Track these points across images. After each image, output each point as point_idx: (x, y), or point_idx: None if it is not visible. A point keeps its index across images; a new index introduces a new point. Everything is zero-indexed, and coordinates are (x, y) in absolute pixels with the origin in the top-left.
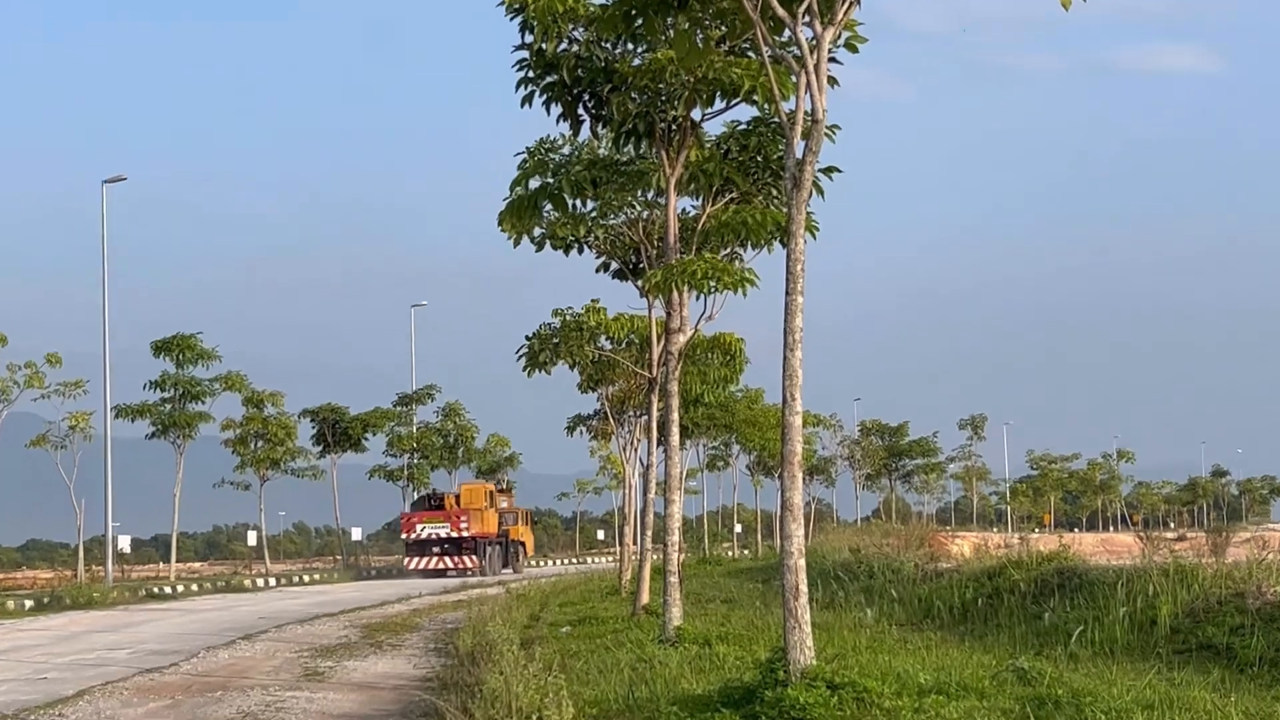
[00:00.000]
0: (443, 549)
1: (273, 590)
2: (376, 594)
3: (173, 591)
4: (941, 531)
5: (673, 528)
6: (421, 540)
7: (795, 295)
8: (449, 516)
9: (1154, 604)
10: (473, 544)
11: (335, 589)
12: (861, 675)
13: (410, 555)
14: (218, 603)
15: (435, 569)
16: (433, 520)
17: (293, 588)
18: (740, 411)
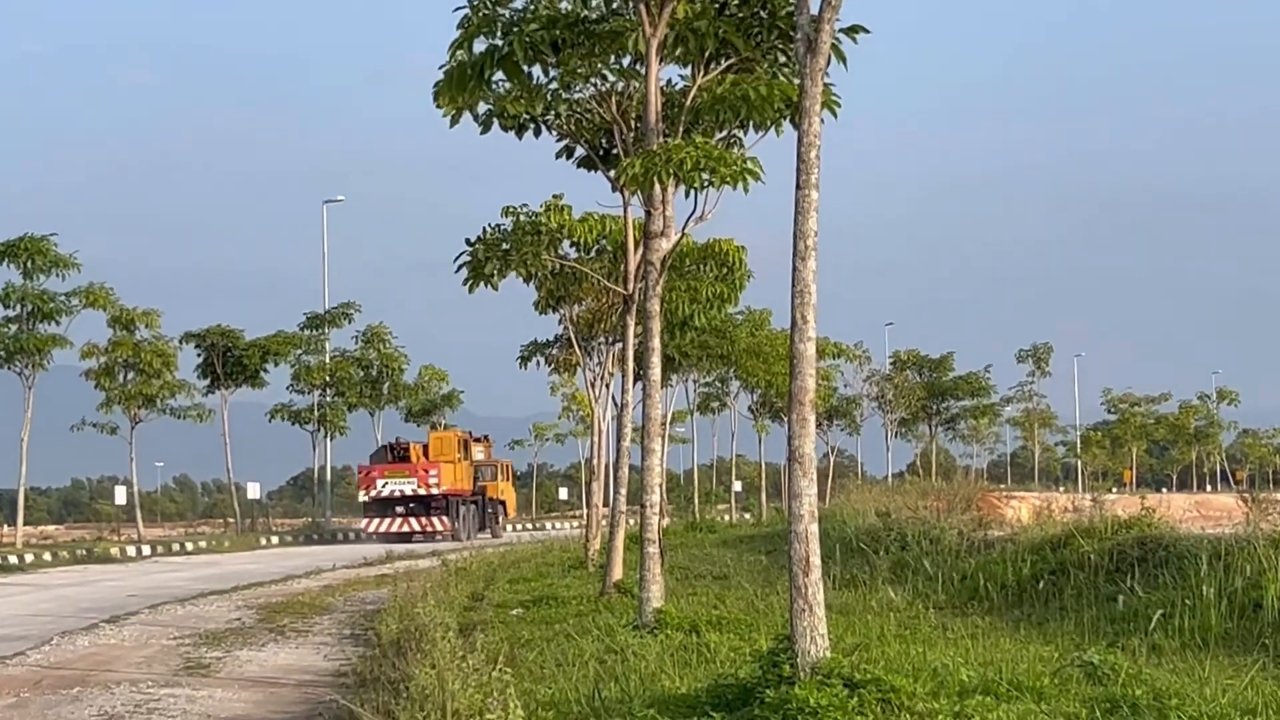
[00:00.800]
0: (408, 509)
1: (147, 561)
2: (282, 565)
3: (19, 562)
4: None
5: (651, 484)
6: (382, 499)
7: (808, 190)
8: (415, 470)
9: (1259, 583)
10: (444, 503)
11: (227, 559)
12: (888, 671)
13: (369, 516)
14: (77, 576)
15: (399, 532)
16: (396, 475)
17: (173, 558)
18: (741, 339)
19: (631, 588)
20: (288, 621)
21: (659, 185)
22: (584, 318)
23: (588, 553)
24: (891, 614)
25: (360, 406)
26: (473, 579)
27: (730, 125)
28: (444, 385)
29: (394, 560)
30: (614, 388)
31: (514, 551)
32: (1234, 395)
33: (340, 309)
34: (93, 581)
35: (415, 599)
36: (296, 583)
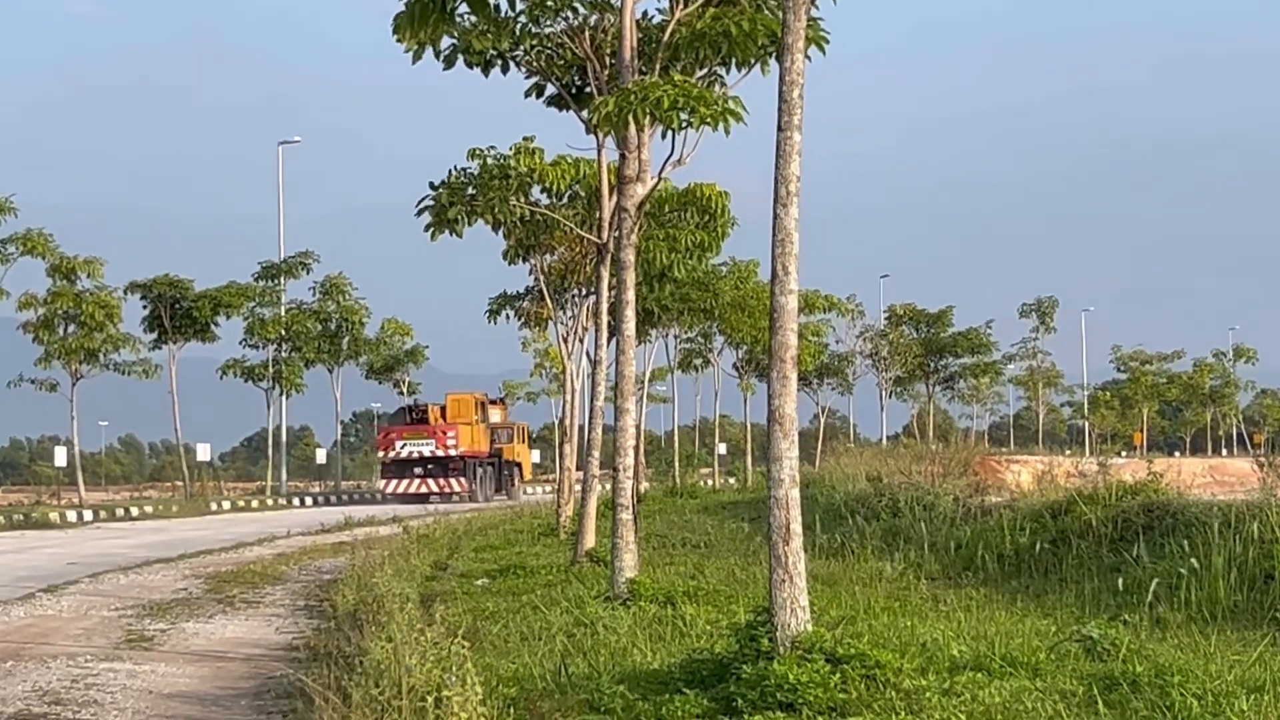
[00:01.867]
0: (426, 470)
1: (89, 527)
2: (233, 532)
3: None
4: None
5: (625, 446)
6: (401, 460)
7: (790, 132)
8: (433, 432)
9: (1271, 553)
10: (461, 464)
11: (175, 525)
12: (874, 645)
13: (386, 477)
14: (13, 543)
15: (417, 493)
16: (415, 436)
17: (117, 523)
18: (725, 292)
19: (604, 557)
20: (237, 592)
21: (634, 126)
22: (556, 268)
23: (559, 519)
24: (880, 585)
25: (318, 362)
26: (436, 547)
27: (711, 62)
28: (408, 340)
29: (353, 527)
30: (588, 343)
31: (481, 517)
32: (1252, 353)
33: (297, 258)
34: (30, 549)
35: (373, 568)
36: (248, 550)
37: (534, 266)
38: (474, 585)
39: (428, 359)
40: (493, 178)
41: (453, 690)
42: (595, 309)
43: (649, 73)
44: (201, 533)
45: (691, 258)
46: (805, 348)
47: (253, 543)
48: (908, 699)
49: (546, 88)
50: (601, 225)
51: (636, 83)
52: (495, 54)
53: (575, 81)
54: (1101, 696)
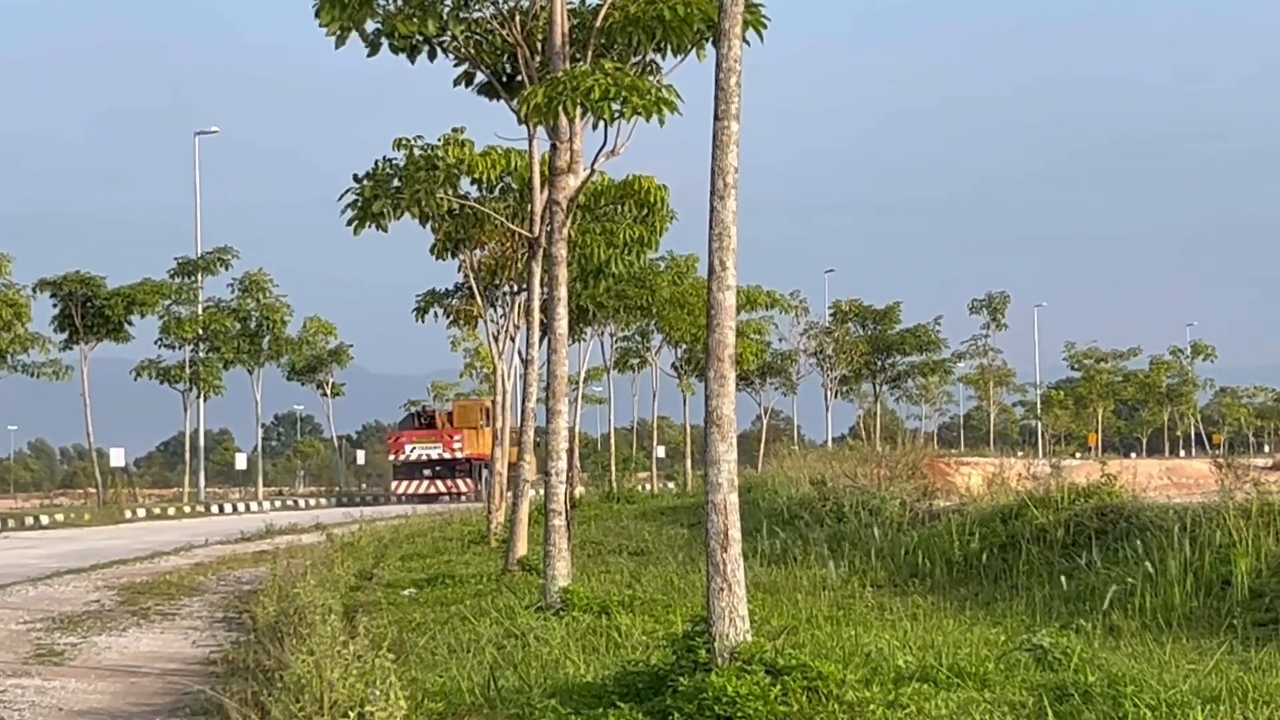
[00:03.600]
0: (434, 472)
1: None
2: (148, 541)
3: None
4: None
5: (557, 450)
6: (411, 462)
7: (728, 121)
8: (441, 436)
9: (1228, 558)
10: (467, 466)
11: (88, 534)
12: (817, 656)
13: (398, 479)
14: None
15: (426, 494)
16: (423, 440)
17: (26, 532)
18: (663, 288)
19: (536, 565)
20: (153, 604)
21: (565, 116)
22: (486, 264)
23: (490, 526)
24: (824, 593)
25: (237, 363)
26: (361, 556)
27: (646, 49)
28: (332, 339)
29: (275, 535)
30: (520, 342)
31: (409, 525)
32: (1211, 350)
33: (215, 254)
34: None
35: (295, 578)
36: (164, 560)
37: (463, 262)
38: (400, 595)
39: (352, 359)
40: (419, 169)
41: (376, 705)
42: (527, 306)
43: (582, 60)
44: (115, 542)
45: (629, 253)
46: (747, 346)
47: (169, 552)
48: (851, 711)
49: (476, 76)
50: (533, 219)
51: (567, 72)
52: (421, 39)
53: (506, 69)
54: (1052, 708)
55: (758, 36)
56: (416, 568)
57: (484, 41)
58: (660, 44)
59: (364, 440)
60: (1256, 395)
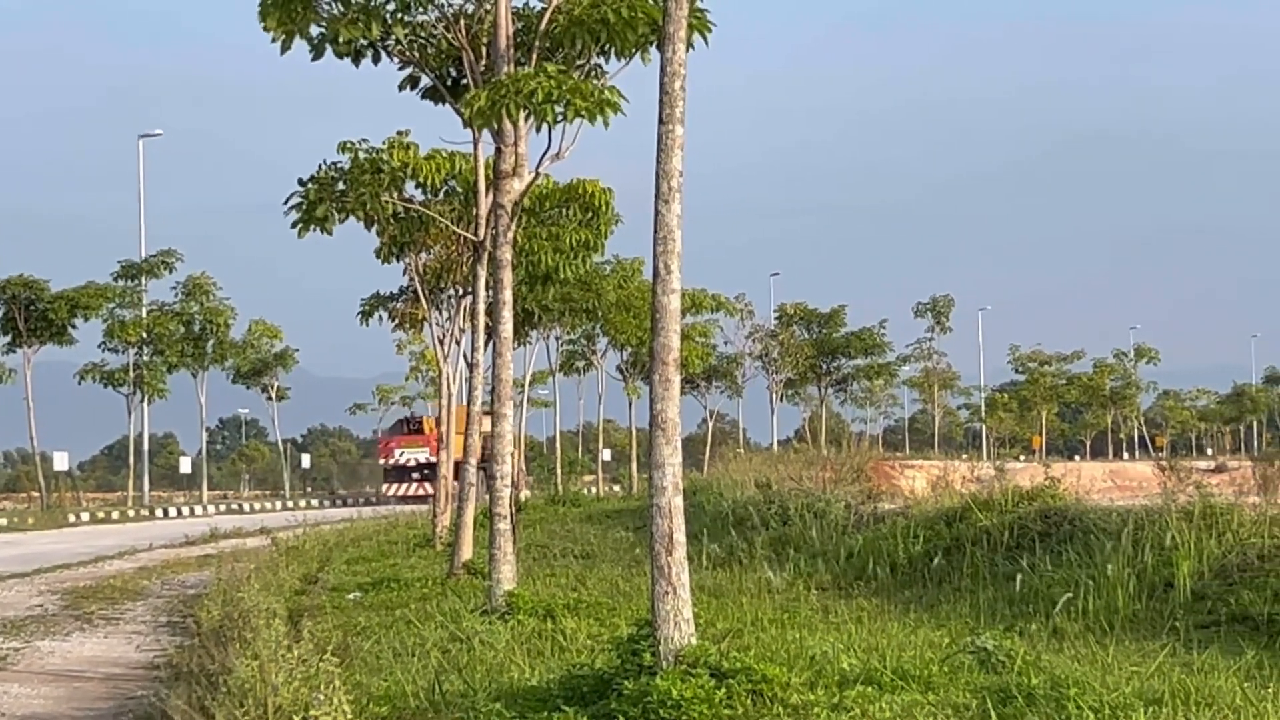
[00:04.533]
0: (423, 475)
1: None
2: (92, 545)
3: None
4: (888, 459)
5: (502, 453)
6: (400, 466)
7: (672, 125)
8: (428, 441)
9: (1171, 560)
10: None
11: (31, 538)
12: (761, 659)
13: (389, 481)
14: None
15: (415, 495)
16: (412, 445)
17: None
18: (608, 291)
19: (482, 568)
20: (96, 608)
21: (508, 119)
22: (431, 267)
23: (435, 529)
24: (769, 596)
25: (182, 366)
26: (306, 560)
27: (590, 52)
28: (276, 342)
29: (219, 539)
30: (465, 345)
31: (354, 528)
32: (1154, 353)
33: (159, 257)
34: None
35: (240, 582)
36: (108, 564)
37: (408, 265)
38: (345, 599)
39: (298, 362)
40: (364, 172)
41: (320, 709)
42: (472, 309)
43: (526, 63)
44: (59, 546)
45: (574, 256)
46: (693, 349)
47: (113, 556)
48: (796, 715)
49: (421, 79)
50: (478, 222)
51: (511, 75)
52: (365, 43)
53: (451, 73)
54: (995, 710)
55: (702, 41)
56: (362, 571)
57: (428, 45)
58: (605, 47)
59: (309, 444)
60: (1199, 398)
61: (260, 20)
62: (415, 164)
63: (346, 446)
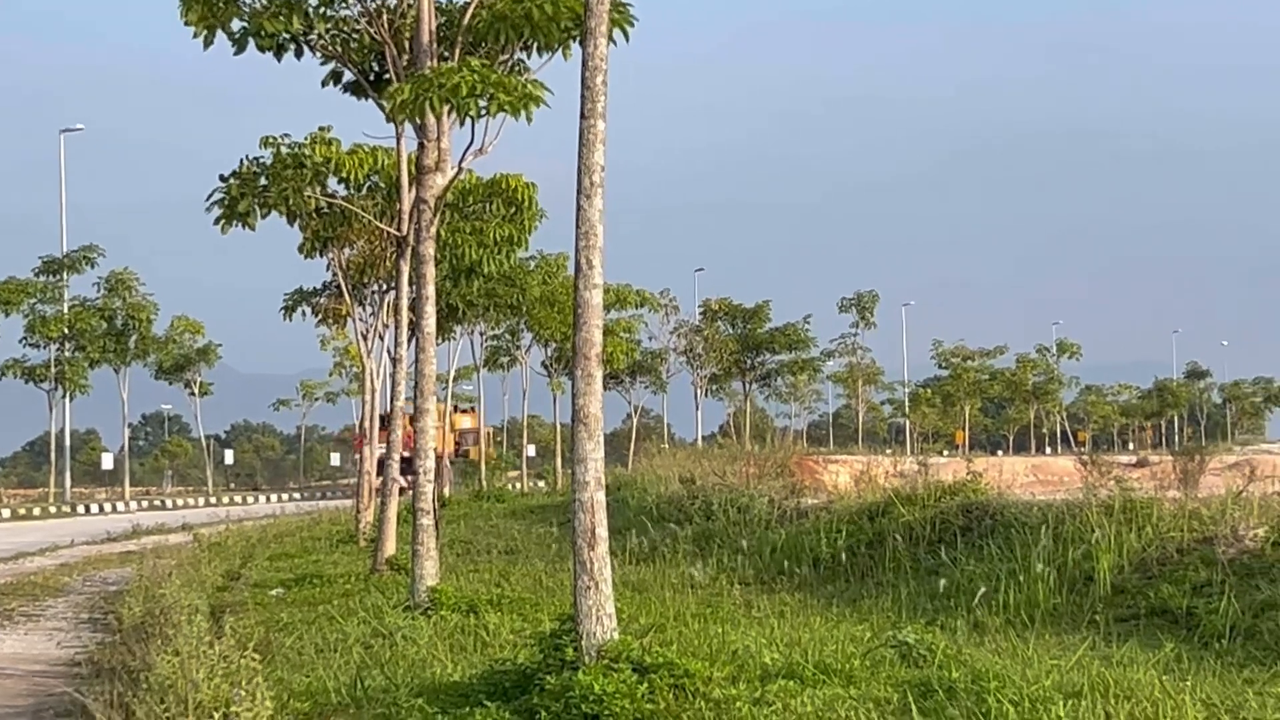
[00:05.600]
0: None
1: None
2: (12, 542)
3: None
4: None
5: (425, 448)
6: None
7: (594, 120)
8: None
9: (1091, 554)
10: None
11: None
12: (684, 654)
13: None
14: None
15: None
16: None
17: None
18: (533, 287)
19: (405, 564)
20: (16, 605)
21: (431, 114)
22: (355, 262)
23: (359, 525)
24: (692, 591)
25: (104, 362)
26: (229, 556)
27: (514, 47)
28: (199, 338)
29: (141, 535)
30: (388, 340)
31: (278, 524)
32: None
33: (81, 253)
34: None
35: (162, 578)
36: (29, 561)
37: (332, 261)
38: (268, 595)
39: (221, 358)
40: (286, 167)
41: (241, 706)
42: (395, 305)
43: (449, 58)
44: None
45: (499, 251)
46: (617, 345)
47: (34, 553)
48: (717, 709)
49: (344, 74)
50: (401, 217)
51: (434, 69)
52: (288, 37)
53: (374, 67)
54: (916, 704)
55: (624, 36)
56: (284, 568)
57: (350, 40)
58: (528, 42)
59: (233, 440)
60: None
61: (182, 15)
62: (338, 159)
63: (270, 442)
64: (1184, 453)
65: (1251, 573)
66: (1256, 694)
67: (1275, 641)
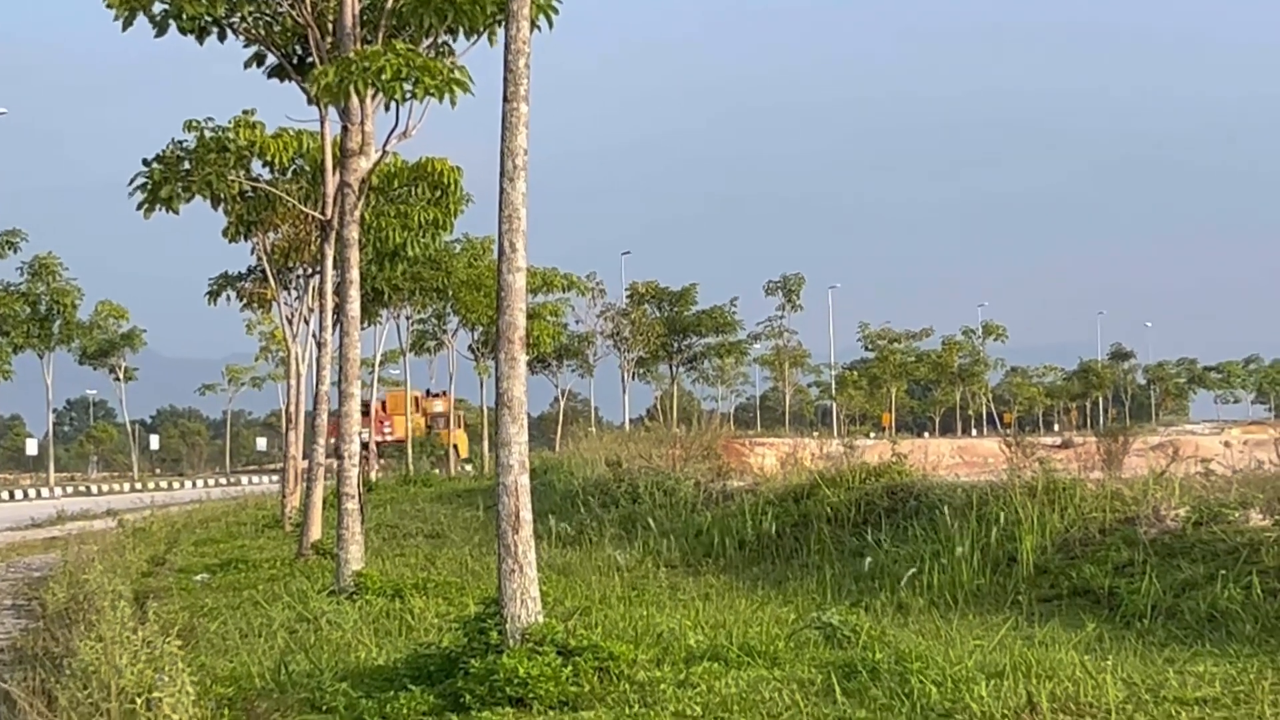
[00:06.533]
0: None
1: None
2: None
3: None
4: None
5: (350, 433)
6: None
7: (516, 103)
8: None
9: (1014, 535)
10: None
11: None
12: (608, 637)
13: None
14: None
15: None
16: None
17: None
18: (458, 270)
19: (330, 549)
20: None
21: (356, 97)
22: (279, 246)
23: (285, 510)
24: (618, 574)
25: (27, 347)
26: (154, 542)
27: (437, 30)
28: (124, 323)
29: (66, 521)
30: (314, 324)
31: (203, 509)
32: (1001, 330)
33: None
34: None
35: (86, 564)
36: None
37: (256, 245)
38: (193, 581)
39: (146, 344)
40: (210, 151)
41: (164, 691)
42: (320, 289)
43: (373, 41)
44: None
45: (424, 235)
46: (544, 328)
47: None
48: (642, 691)
49: (267, 57)
50: (325, 201)
51: (359, 52)
52: (210, 20)
53: (297, 50)
54: (840, 685)
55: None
56: (210, 553)
57: (274, 22)
58: (452, 26)
59: (159, 424)
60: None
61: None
62: (262, 142)
63: (196, 427)
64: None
65: (1173, 553)
66: (1177, 673)
67: (1196, 621)
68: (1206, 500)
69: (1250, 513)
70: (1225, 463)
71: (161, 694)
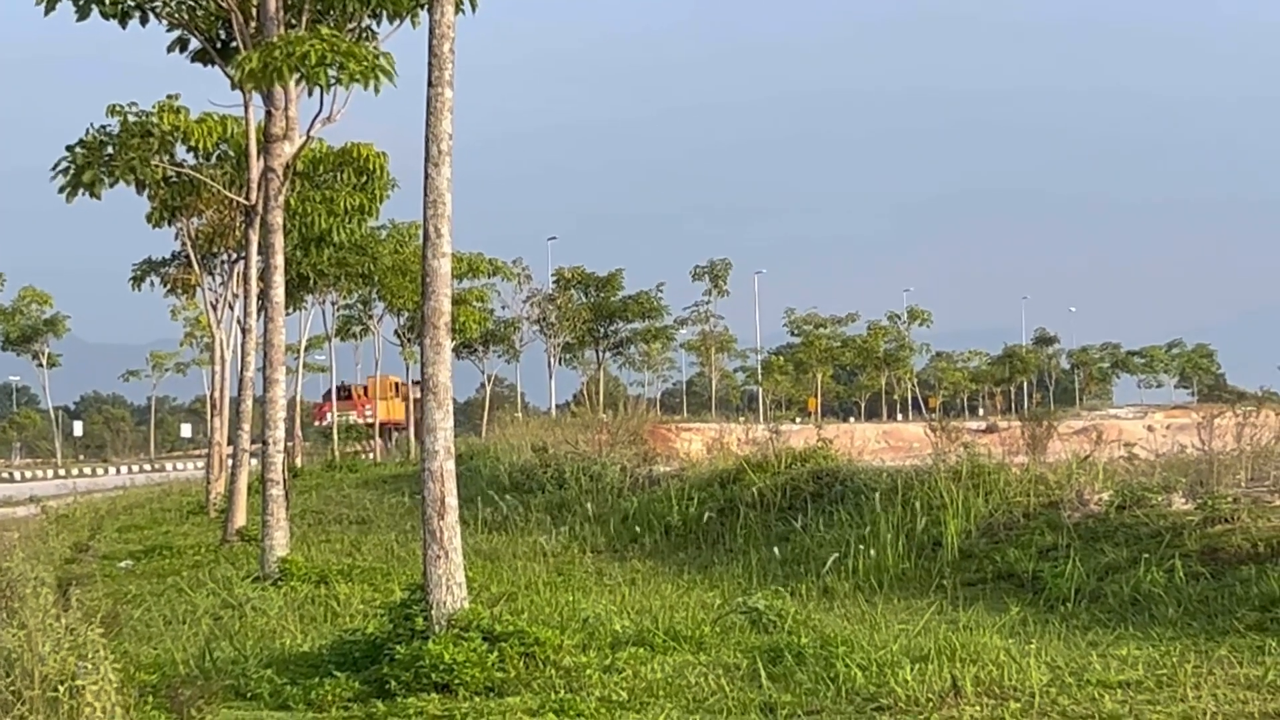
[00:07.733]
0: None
1: None
2: None
3: None
4: (665, 423)
5: (274, 418)
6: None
7: (441, 88)
8: (355, 405)
9: (939, 519)
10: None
11: None
12: (534, 622)
13: None
14: None
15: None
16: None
17: None
18: (384, 256)
19: (256, 535)
20: None
21: (280, 83)
22: (204, 232)
23: (209, 496)
24: (544, 559)
25: None
26: (77, 528)
27: (361, 15)
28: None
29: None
30: (238, 310)
31: (127, 496)
32: (926, 315)
33: None
34: None
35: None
36: None
37: (181, 230)
38: (116, 568)
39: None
40: (133, 136)
41: (86, 679)
42: (245, 274)
43: (297, 25)
44: None
45: (350, 220)
46: (470, 314)
47: None
48: (568, 677)
49: (191, 42)
50: (250, 186)
51: (283, 37)
52: (133, 4)
53: (220, 35)
54: (766, 669)
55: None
56: (134, 539)
57: (197, 7)
58: (376, 9)
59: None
60: (971, 359)
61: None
62: (186, 127)
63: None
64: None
65: (1096, 536)
66: (1100, 656)
67: (1119, 604)
68: (1130, 484)
69: (1173, 497)
70: (1148, 447)
71: (84, 682)
